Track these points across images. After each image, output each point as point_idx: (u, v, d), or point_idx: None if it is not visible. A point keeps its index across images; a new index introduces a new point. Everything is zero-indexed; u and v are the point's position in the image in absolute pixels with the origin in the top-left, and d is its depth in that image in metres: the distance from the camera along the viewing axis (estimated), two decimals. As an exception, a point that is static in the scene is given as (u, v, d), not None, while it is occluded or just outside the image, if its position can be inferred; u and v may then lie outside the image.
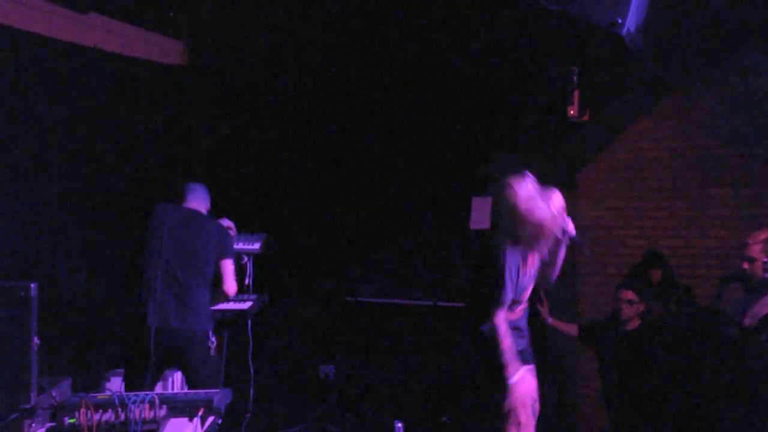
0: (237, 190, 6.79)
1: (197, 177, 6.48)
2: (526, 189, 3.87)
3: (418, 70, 6.57)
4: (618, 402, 5.25)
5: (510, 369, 3.83)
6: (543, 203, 3.86)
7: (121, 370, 4.56)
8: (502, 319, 3.88)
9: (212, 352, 4.45)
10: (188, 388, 4.37)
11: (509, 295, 3.91)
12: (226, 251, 4.49)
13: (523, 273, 3.98)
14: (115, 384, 4.59)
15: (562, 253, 4.08)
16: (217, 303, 4.61)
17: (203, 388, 4.09)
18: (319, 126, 6.87)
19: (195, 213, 4.53)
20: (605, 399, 5.43)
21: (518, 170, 3.91)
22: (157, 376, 4.41)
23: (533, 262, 4.03)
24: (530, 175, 3.89)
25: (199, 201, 4.61)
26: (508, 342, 3.85)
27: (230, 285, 4.48)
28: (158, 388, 4.56)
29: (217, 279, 4.46)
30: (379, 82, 6.67)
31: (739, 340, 4.51)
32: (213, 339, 4.43)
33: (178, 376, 5.05)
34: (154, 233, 4.34)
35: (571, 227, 4.00)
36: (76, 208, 5.25)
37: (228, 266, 4.47)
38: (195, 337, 4.29)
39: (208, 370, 4.39)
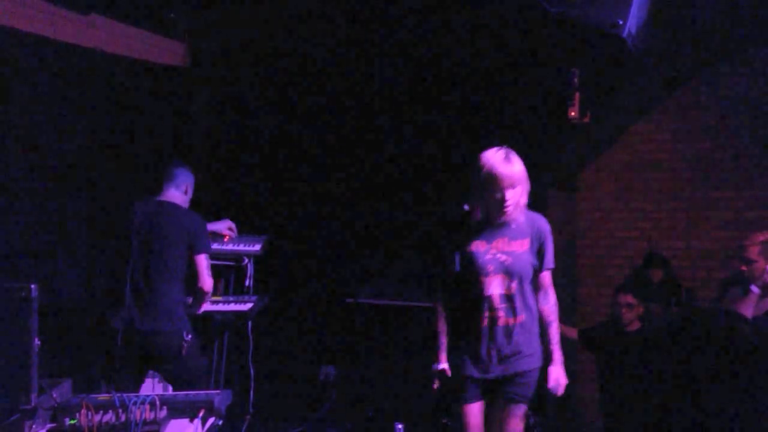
0: (237, 190, 6.80)
1: (198, 179, 6.55)
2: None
3: (417, 71, 6.56)
4: (618, 405, 5.24)
5: (438, 355, 3.55)
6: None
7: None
8: (438, 299, 3.61)
9: (185, 351, 4.14)
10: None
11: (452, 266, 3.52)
12: (199, 245, 4.25)
13: (476, 246, 3.50)
14: (148, 385, 4.52)
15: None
16: (198, 301, 4.36)
17: (188, 389, 3.96)
18: (319, 127, 6.87)
19: (167, 206, 4.31)
20: (602, 402, 5.43)
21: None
22: (140, 379, 4.28)
23: (496, 241, 3.53)
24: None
25: (176, 189, 4.39)
26: (440, 326, 3.57)
27: (205, 281, 4.25)
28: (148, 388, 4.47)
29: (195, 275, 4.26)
30: (378, 84, 6.67)
31: (753, 338, 4.48)
32: (188, 337, 4.16)
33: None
34: (127, 233, 4.24)
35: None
36: (76, 208, 5.25)
37: (202, 261, 4.25)
38: (164, 337, 4.12)
39: (186, 370, 4.18)
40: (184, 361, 4.17)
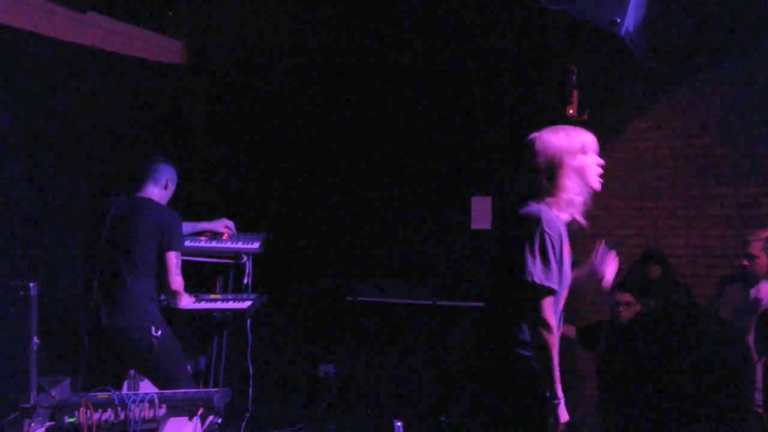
0: (236, 189, 6.80)
1: (196, 177, 6.56)
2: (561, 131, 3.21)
3: (417, 69, 6.57)
4: (615, 404, 5.24)
5: (558, 389, 2.81)
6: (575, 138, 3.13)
7: None
8: (551, 313, 2.83)
9: (156, 348, 4.02)
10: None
11: (554, 276, 2.85)
12: (170, 242, 4.15)
13: (567, 252, 2.98)
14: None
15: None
16: (171, 299, 4.26)
17: (167, 386, 3.92)
18: (318, 125, 6.87)
19: (141, 201, 4.23)
20: (599, 401, 5.43)
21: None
22: (119, 378, 4.16)
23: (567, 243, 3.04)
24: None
25: (154, 185, 4.32)
26: (556, 351, 2.84)
27: (173, 279, 4.15)
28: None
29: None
30: (378, 82, 6.67)
31: (719, 335, 4.49)
32: (157, 333, 4.04)
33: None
34: (97, 227, 4.19)
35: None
36: (76, 208, 5.25)
37: (171, 258, 4.14)
38: (131, 334, 4.03)
39: (161, 367, 4.08)
40: (157, 357, 4.07)
